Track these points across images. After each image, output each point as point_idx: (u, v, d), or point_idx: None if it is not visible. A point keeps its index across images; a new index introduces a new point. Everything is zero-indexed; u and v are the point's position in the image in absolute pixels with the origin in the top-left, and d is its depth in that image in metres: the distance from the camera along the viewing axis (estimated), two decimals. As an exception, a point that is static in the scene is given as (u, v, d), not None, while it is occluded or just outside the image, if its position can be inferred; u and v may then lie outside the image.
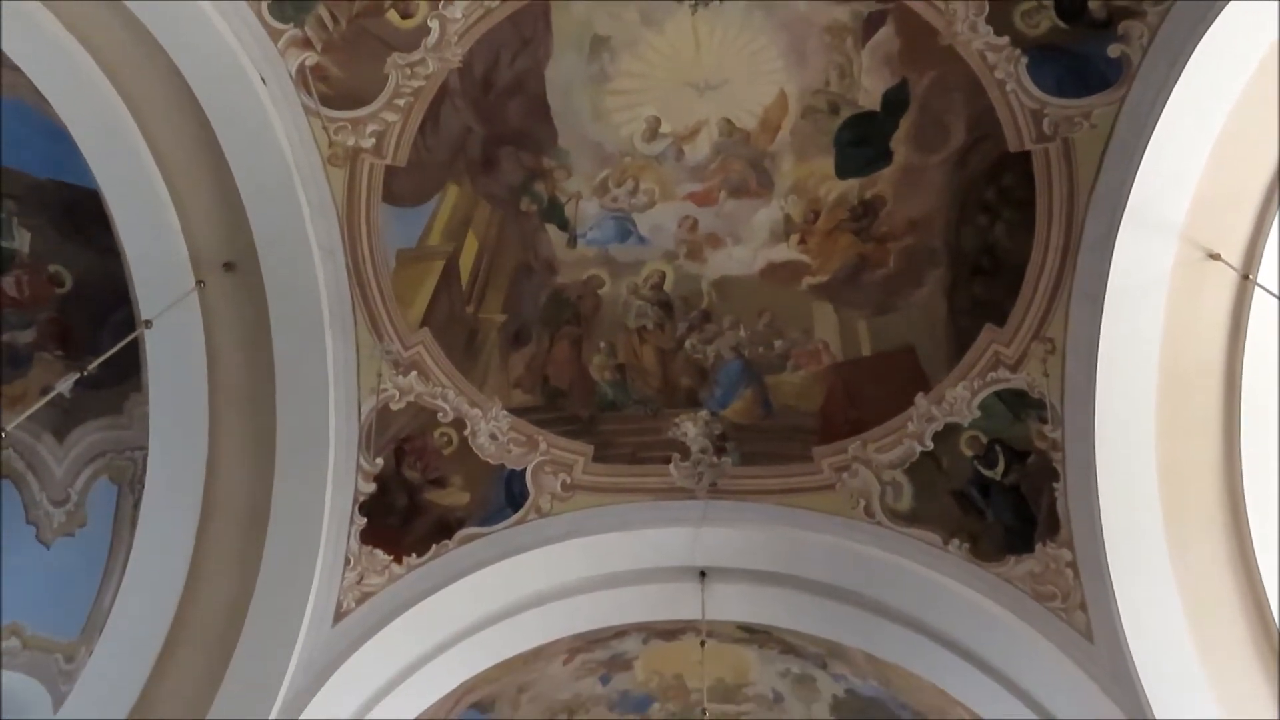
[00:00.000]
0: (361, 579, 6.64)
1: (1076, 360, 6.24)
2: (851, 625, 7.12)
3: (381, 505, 6.84)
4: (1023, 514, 6.55)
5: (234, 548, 6.42)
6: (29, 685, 7.16)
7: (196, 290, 6.20)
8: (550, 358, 7.34)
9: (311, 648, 6.23)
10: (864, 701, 8.95)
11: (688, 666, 8.73)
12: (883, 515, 6.84)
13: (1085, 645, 6.12)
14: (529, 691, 9.19)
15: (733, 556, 7.07)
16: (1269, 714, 5.72)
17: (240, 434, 6.60)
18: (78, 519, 7.47)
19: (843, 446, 7.05)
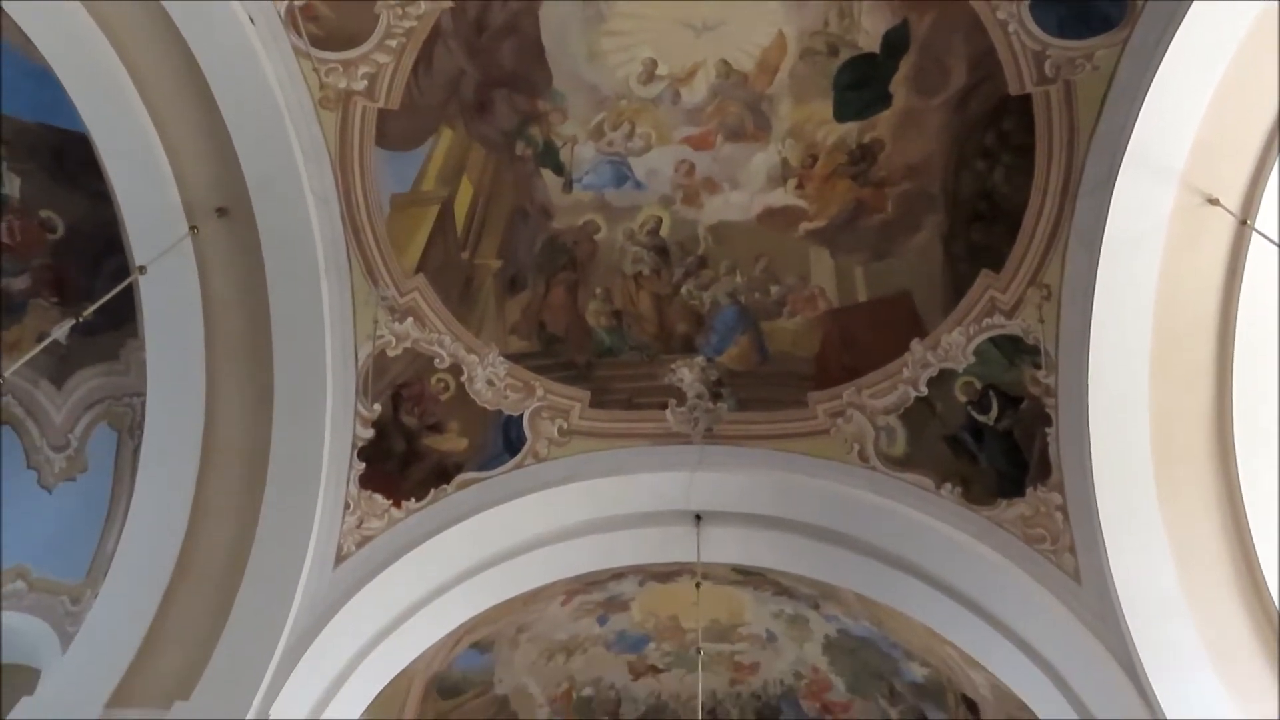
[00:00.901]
0: (361, 523, 6.73)
1: (1072, 306, 6.25)
2: (844, 567, 7.24)
3: (380, 451, 6.89)
4: (1015, 459, 6.62)
5: (234, 492, 6.47)
6: (36, 626, 7.30)
7: (190, 236, 6.16)
8: (546, 304, 7.34)
9: (313, 590, 6.33)
10: (855, 641, 9.15)
11: (683, 608, 8.91)
12: (876, 460, 6.91)
13: (1073, 587, 6.23)
14: (528, 632, 9.37)
15: (728, 500, 7.16)
16: (1252, 655, 5.83)
17: (238, 380, 6.62)
18: (78, 464, 7.53)
19: (838, 392, 7.10)
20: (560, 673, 9.92)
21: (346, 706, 6.50)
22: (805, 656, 9.62)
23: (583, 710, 10.21)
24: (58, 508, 7.50)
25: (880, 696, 9.60)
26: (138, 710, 5.66)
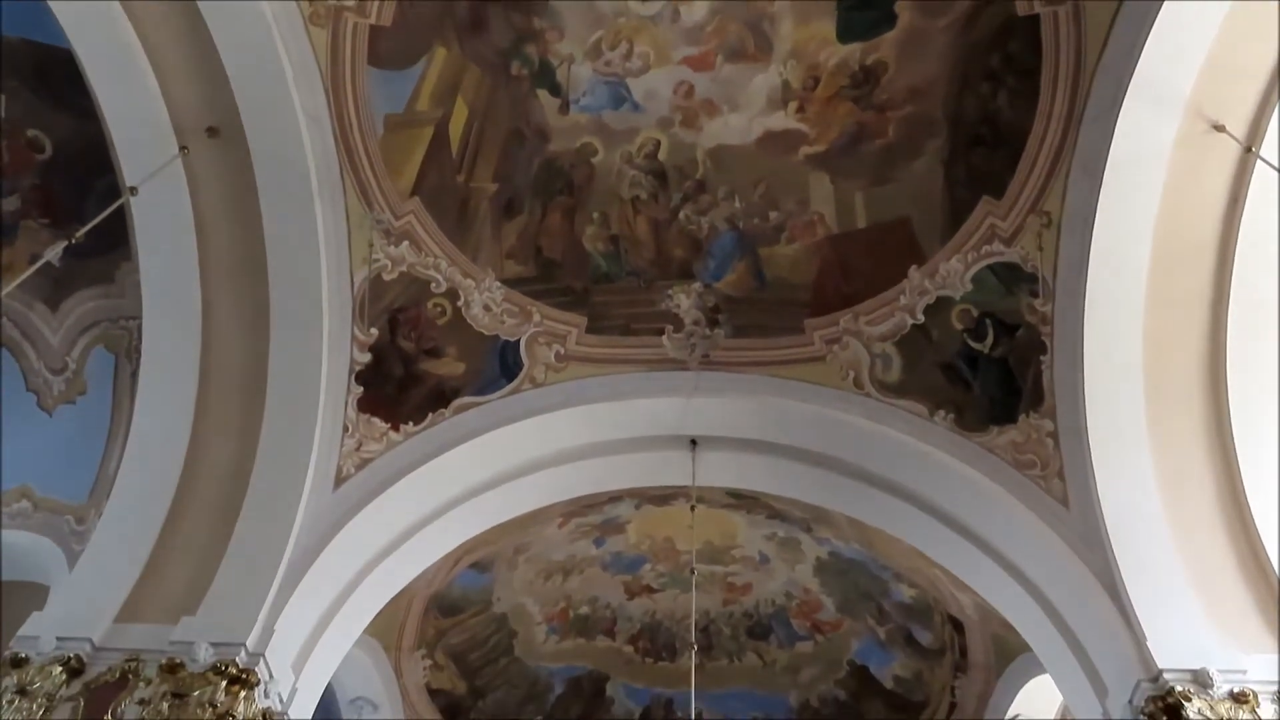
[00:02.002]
0: (360, 446, 6.79)
1: (1071, 234, 6.21)
2: (837, 492, 7.35)
3: (378, 375, 6.91)
4: (1008, 386, 6.66)
5: (233, 415, 6.51)
6: (43, 545, 7.44)
7: (180, 157, 6.05)
8: (543, 228, 7.28)
9: (314, 511, 6.42)
10: (846, 563, 9.36)
11: (678, 530, 9.07)
12: (871, 386, 6.96)
13: (1060, 511, 6.33)
14: (526, 553, 9.57)
15: (723, 425, 7.22)
16: (1234, 580, 5.92)
17: (233, 304, 6.59)
18: (77, 387, 7.58)
19: (834, 319, 7.11)
20: (557, 592, 10.16)
21: (349, 622, 6.65)
22: (797, 578, 9.85)
23: (579, 628, 10.50)
24: (58, 430, 7.58)
25: (869, 616, 9.87)
26: (146, 624, 5.79)
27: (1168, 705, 5.32)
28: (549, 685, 10.74)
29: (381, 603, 7.06)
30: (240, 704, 5.45)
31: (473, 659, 10.26)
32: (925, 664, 9.83)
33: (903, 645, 9.84)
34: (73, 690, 5.46)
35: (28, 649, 5.55)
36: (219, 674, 5.46)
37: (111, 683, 5.52)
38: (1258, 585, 5.90)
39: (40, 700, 5.35)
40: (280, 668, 5.82)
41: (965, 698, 9.59)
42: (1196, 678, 5.36)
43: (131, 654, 5.63)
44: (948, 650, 9.55)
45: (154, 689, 5.42)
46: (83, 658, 5.55)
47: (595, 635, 10.58)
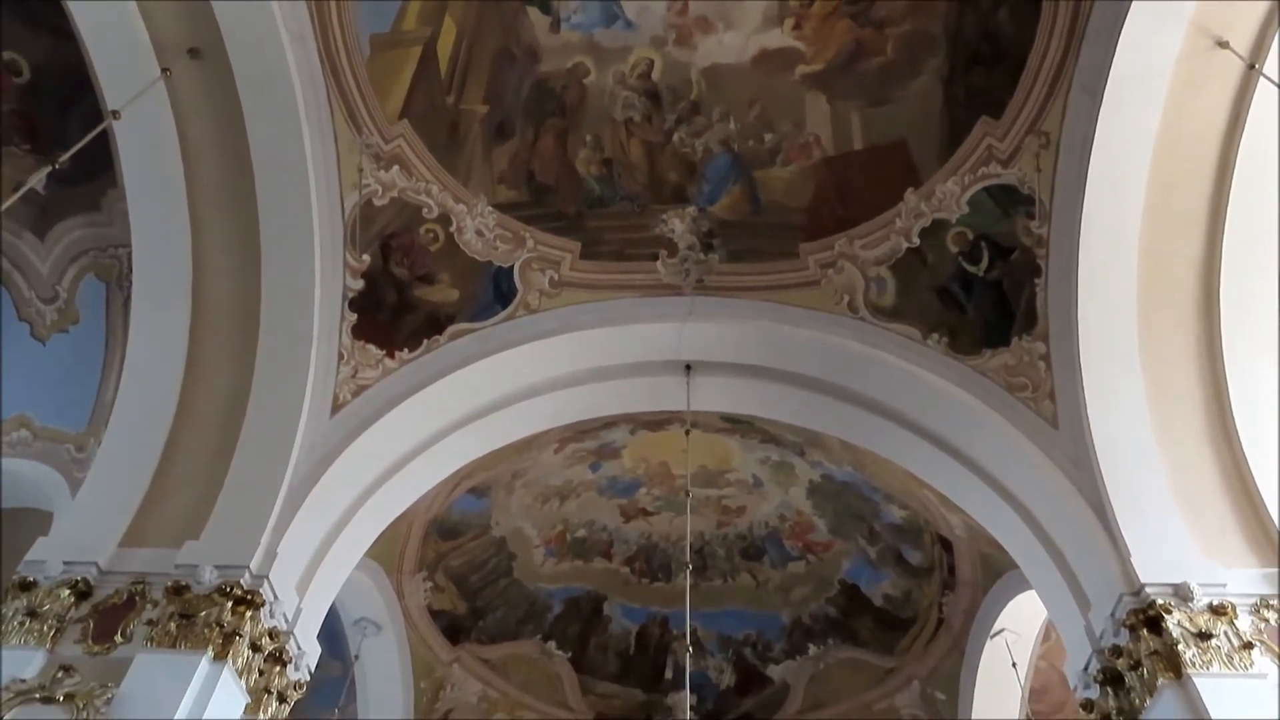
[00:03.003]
0: (356, 373, 6.81)
1: (1069, 155, 6.14)
2: (830, 415, 7.41)
3: (371, 301, 6.89)
4: (1002, 309, 6.68)
5: (228, 343, 6.51)
6: (45, 472, 7.50)
7: (163, 79, 5.91)
8: (535, 152, 7.17)
9: (312, 437, 6.46)
10: (838, 485, 9.50)
11: (673, 454, 9.18)
12: (865, 310, 6.97)
13: (1050, 432, 6.40)
14: (523, 478, 9.69)
15: (717, 350, 7.25)
16: (1219, 502, 6.00)
17: (224, 231, 6.52)
18: (69, 316, 7.54)
19: (829, 243, 7.07)
20: (554, 516, 10.32)
21: (350, 546, 6.76)
22: (790, 500, 10.01)
23: (577, 550, 10.70)
24: (53, 359, 7.56)
25: (860, 537, 10.07)
26: (150, 549, 5.88)
27: (1148, 617, 5.48)
28: (548, 606, 11.00)
29: (381, 527, 7.17)
30: (246, 624, 5.58)
31: (472, 581, 10.48)
32: (914, 582, 10.07)
33: (892, 564, 10.07)
34: (81, 612, 5.58)
35: (35, 573, 5.65)
36: (224, 595, 5.58)
37: (119, 605, 5.63)
38: (1241, 503, 6.00)
39: (50, 622, 5.47)
40: (284, 589, 5.94)
41: (952, 614, 9.86)
42: (1177, 591, 5.51)
43: (137, 577, 5.74)
44: (936, 569, 9.77)
45: (161, 610, 5.54)
46: (90, 581, 5.66)
47: (592, 557, 10.79)
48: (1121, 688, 5.62)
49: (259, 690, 5.69)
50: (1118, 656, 5.62)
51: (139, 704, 5.03)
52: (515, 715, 11.00)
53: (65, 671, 5.11)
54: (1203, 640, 5.32)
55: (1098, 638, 5.82)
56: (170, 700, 5.07)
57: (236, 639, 5.49)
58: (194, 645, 5.36)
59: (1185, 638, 5.33)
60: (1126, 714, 5.57)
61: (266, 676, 5.77)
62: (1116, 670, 5.64)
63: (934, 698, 10.18)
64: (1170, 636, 5.34)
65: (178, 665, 5.25)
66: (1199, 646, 5.30)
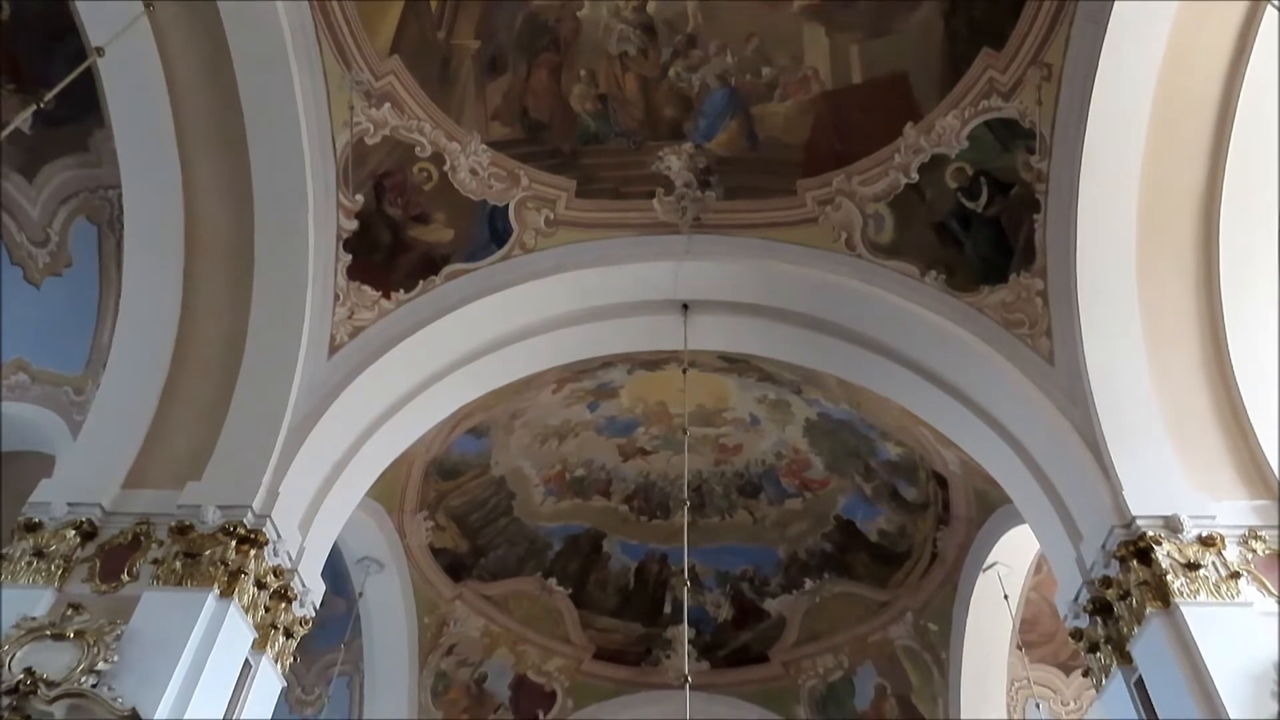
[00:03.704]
0: (352, 314, 6.79)
1: (1072, 87, 6.04)
2: (827, 353, 7.42)
3: (366, 242, 6.84)
4: (1000, 246, 6.64)
5: (223, 285, 6.48)
6: (45, 416, 7.54)
7: (146, 13, 5.76)
8: (529, 87, 7.04)
9: (310, 378, 6.48)
10: (834, 423, 9.56)
11: (670, 394, 9.21)
12: (863, 248, 6.93)
13: (1046, 368, 6.43)
14: (521, 418, 9.74)
15: (714, 289, 7.22)
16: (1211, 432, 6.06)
17: (214, 171, 6.44)
18: (62, 259, 7.49)
19: (827, 179, 6.99)
20: (553, 455, 10.40)
21: (351, 485, 6.83)
22: (786, 438, 10.08)
23: (576, 489, 10.81)
24: (48, 302, 7.54)
25: (856, 473, 10.16)
26: (153, 490, 5.94)
27: (1138, 549, 5.57)
28: (548, 543, 11.15)
29: (381, 467, 7.23)
30: (251, 562, 5.67)
31: (473, 520, 10.60)
32: (909, 518, 10.20)
33: (888, 500, 10.19)
34: (87, 552, 5.66)
35: (40, 514, 5.72)
36: (228, 534, 5.65)
37: (124, 545, 5.71)
38: (1233, 437, 6.06)
39: (57, 561, 5.55)
40: (287, 528, 6.02)
41: (946, 548, 10.01)
42: (1168, 523, 5.59)
43: (142, 518, 5.80)
44: (931, 504, 9.89)
45: (166, 550, 5.61)
46: (94, 522, 5.73)
47: (591, 496, 10.90)
48: (1110, 617, 5.74)
49: (265, 626, 5.80)
50: (1107, 587, 5.73)
51: (148, 640, 5.13)
52: (517, 649, 11.24)
53: (74, 609, 5.19)
54: (1191, 570, 5.42)
55: (1088, 569, 5.92)
56: (179, 636, 5.17)
57: (241, 577, 5.58)
58: (200, 583, 5.45)
59: (1174, 568, 5.42)
60: (1114, 642, 5.70)
61: (272, 613, 5.88)
62: (1106, 600, 5.75)
63: (927, 629, 10.40)
64: (1159, 567, 5.43)
65: (185, 602, 5.35)
66: (1187, 576, 5.40)
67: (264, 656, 5.77)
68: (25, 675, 4.72)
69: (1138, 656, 5.49)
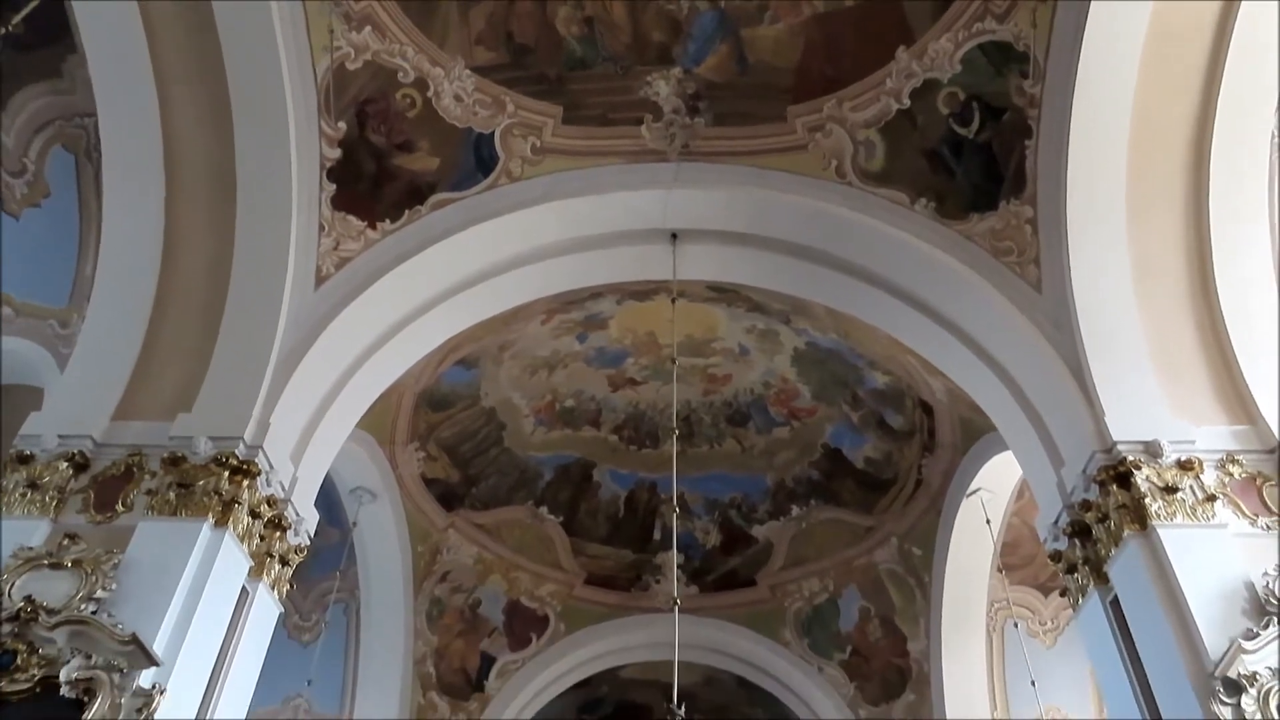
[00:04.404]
0: (338, 245, 6.73)
1: (1067, 9, 5.92)
2: (816, 282, 7.41)
3: (349, 171, 6.73)
4: (991, 172, 6.59)
5: (205, 215, 6.38)
6: (31, 349, 7.50)
7: (114, -69, 5.57)
8: (513, 10, 6.83)
9: (296, 310, 6.44)
10: (823, 353, 9.62)
11: (659, 324, 9.22)
12: (853, 175, 6.86)
13: (1033, 296, 6.45)
14: (510, 349, 9.75)
15: (703, 218, 7.17)
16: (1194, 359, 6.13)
17: (192, 98, 6.29)
18: (40, 189, 7.36)
19: (818, 105, 6.88)
20: (543, 386, 10.45)
21: (341, 416, 6.87)
22: (775, 367, 10.15)
23: (566, 419, 10.89)
24: (28, 234, 7.43)
25: (843, 402, 10.27)
26: (144, 421, 5.96)
27: (1118, 473, 5.68)
28: (539, 473, 11.28)
29: (371, 398, 7.25)
30: (244, 492, 5.72)
31: (464, 450, 10.70)
32: (895, 445, 10.35)
33: (874, 428, 10.32)
34: (81, 483, 5.70)
35: (32, 446, 5.74)
36: (220, 465, 5.69)
37: (117, 476, 5.75)
38: (1216, 363, 6.12)
39: (51, 493, 5.59)
40: (279, 459, 6.07)
41: (931, 475, 10.18)
42: (1148, 448, 5.69)
43: (133, 449, 5.84)
44: (917, 432, 10.03)
45: (159, 480, 5.66)
46: (86, 453, 5.76)
47: (581, 426, 10.99)
48: (1089, 539, 5.88)
49: (261, 554, 5.89)
50: (1087, 510, 5.86)
51: (145, 569, 5.20)
52: (510, 576, 11.47)
53: (70, 540, 5.25)
54: (1169, 494, 5.54)
55: (1069, 493, 6.04)
56: (175, 564, 5.25)
57: (235, 506, 5.64)
58: (194, 513, 5.51)
59: (1152, 492, 5.54)
60: (1092, 563, 5.85)
61: (267, 542, 5.96)
62: (1085, 523, 5.89)
63: (911, 553, 10.65)
64: (1138, 491, 5.55)
65: (180, 532, 5.41)
66: (1165, 500, 5.51)
67: (260, 584, 5.87)
68: (25, 603, 4.79)
69: (1114, 577, 5.64)
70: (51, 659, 4.67)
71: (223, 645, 5.45)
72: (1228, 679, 4.69)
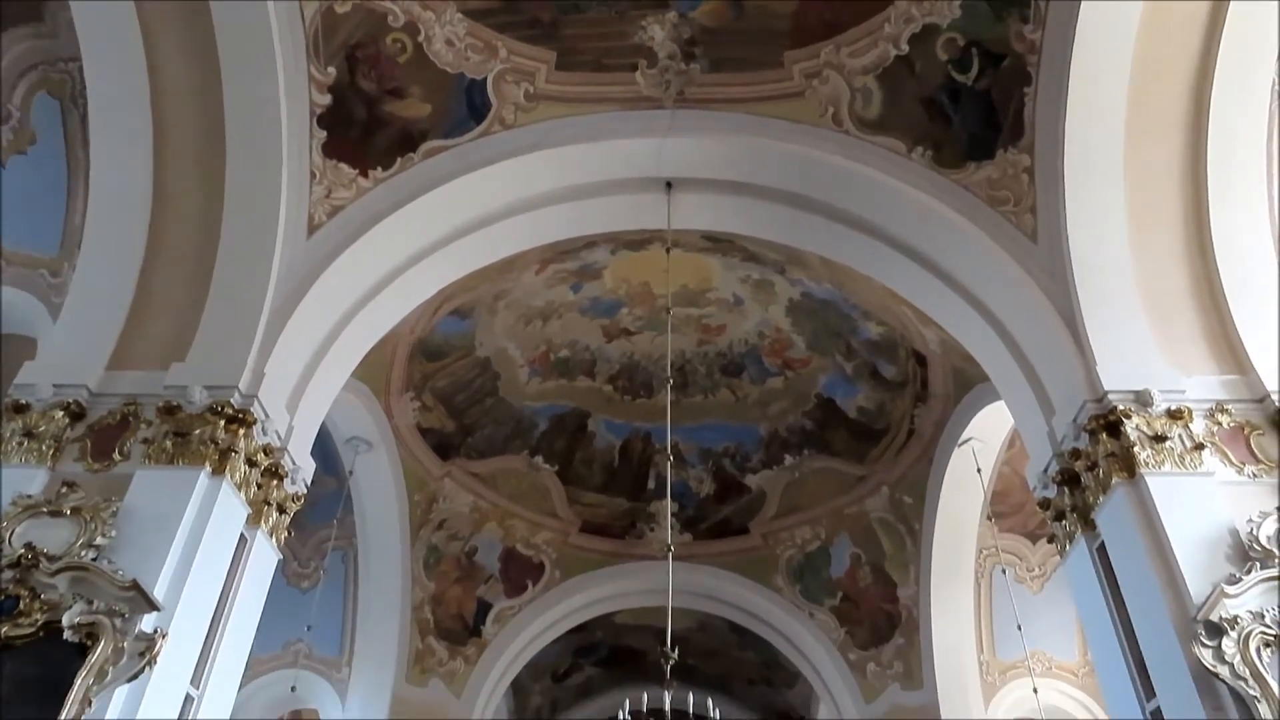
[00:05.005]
0: (330, 193, 6.66)
1: (1069, -48, 5.82)
2: (812, 232, 7.38)
3: (340, 118, 6.64)
4: (989, 120, 6.52)
5: (194, 163, 6.30)
6: (23, 298, 7.44)
7: None
8: (505, -48, 6.71)
9: (289, 259, 6.40)
10: (817, 303, 9.62)
11: (654, 274, 9.20)
12: (850, 123, 6.79)
13: (1029, 246, 6.43)
14: (505, 299, 9.73)
15: (699, 166, 7.10)
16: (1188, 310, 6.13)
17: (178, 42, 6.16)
18: (25, 136, 7.23)
19: (815, 51, 6.78)
20: (538, 336, 10.46)
21: (336, 366, 6.86)
22: (769, 318, 10.16)
23: (560, 369, 10.92)
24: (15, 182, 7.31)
25: (837, 353, 10.30)
26: (138, 371, 5.96)
27: (1108, 422, 5.72)
28: (534, 422, 11.33)
29: (366, 347, 7.25)
30: (240, 441, 5.75)
31: (459, 400, 10.73)
32: (888, 395, 10.41)
33: (868, 379, 10.36)
34: (77, 432, 5.73)
35: (27, 396, 5.75)
36: (216, 414, 5.71)
37: (113, 425, 5.78)
38: (1208, 313, 6.13)
39: (48, 442, 5.61)
40: (274, 408, 6.08)
41: (923, 425, 10.27)
42: (1139, 397, 5.73)
43: (128, 398, 5.85)
44: (910, 382, 10.08)
45: (155, 429, 5.68)
46: (81, 403, 5.78)
47: (576, 376, 11.02)
48: (1077, 487, 5.95)
49: (258, 502, 5.94)
50: (1076, 459, 5.92)
51: (144, 516, 5.25)
52: (506, 524, 11.59)
53: (69, 488, 5.29)
54: (1158, 442, 5.59)
55: (1059, 442, 6.10)
56: (173, 512, 5.29)
57: (232, 455, 5.67)
58: (191, 461, 5.54)
59: (1142, 440, 5.59)
60: (1080, 510, 5.93)
61: (265, 490, 6.01)
62: (1074, 471, 5.96)
63: (902, 501, 10.78)
64: (1127, 439, 5.59)
65: (177, 480, 5.45)
66: (1153, 448, 5.57)
67: (259, 531, 5.92)
68: (26, 550, 4.84)
69: (1101, 524, 5.72)
70: (54, 604, 4.73)
71: (223, 591, 5.52)
72: (1209, 622, 4.78)
